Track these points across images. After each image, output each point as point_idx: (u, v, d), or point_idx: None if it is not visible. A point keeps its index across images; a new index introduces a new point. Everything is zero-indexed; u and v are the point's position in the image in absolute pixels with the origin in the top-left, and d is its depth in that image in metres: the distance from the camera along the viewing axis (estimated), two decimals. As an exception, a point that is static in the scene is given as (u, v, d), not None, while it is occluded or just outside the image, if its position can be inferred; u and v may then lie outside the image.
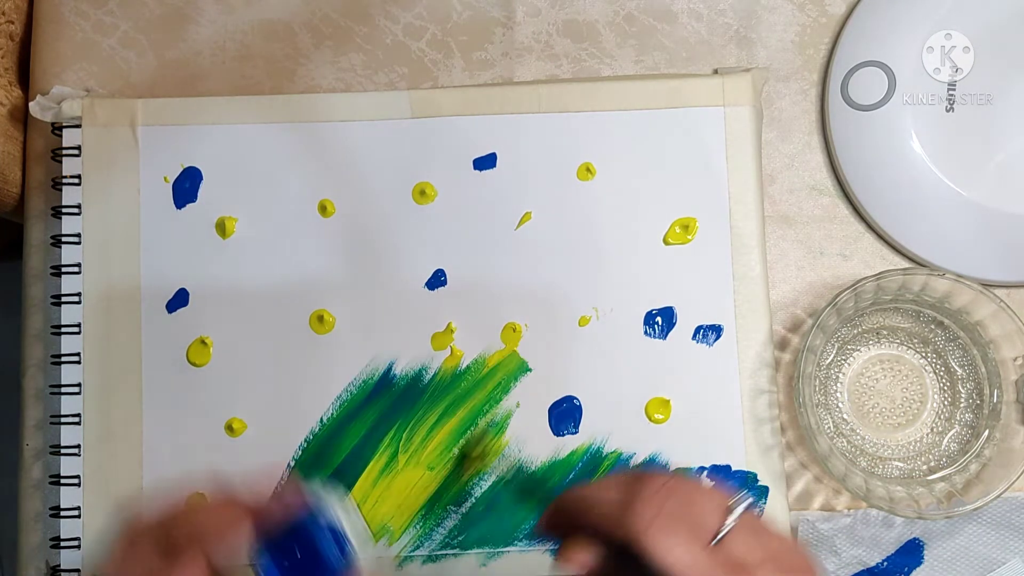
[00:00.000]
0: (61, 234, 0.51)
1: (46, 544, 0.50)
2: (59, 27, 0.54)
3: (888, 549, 0.52)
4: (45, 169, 0.53)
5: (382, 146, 0.52)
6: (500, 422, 0.51)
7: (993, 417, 0.52)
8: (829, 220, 0.54)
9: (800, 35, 0.55)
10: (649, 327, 0.52)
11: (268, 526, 0.34)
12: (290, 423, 0.51)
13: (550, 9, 0.55)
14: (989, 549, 0.51)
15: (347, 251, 0.52)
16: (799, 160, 0.55)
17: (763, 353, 0.52)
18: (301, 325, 0.51)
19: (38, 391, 0.52)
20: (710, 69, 0.55)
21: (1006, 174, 0.53)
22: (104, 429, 0.50)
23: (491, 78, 0.55)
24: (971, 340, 0.52)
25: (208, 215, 0.52)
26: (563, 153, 0.53)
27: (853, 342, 0.53)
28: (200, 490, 0.50)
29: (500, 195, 0.52)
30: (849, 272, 0.54)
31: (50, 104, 0.52)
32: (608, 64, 0.55)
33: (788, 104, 0.55)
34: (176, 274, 0.52)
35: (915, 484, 0.51)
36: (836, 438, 0.52)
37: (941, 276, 0.50)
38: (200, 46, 0.54)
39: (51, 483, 0.50)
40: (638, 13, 0.55)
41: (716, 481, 0.35)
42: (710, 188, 0.53)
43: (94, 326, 0.51)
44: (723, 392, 0.51)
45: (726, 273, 0.52)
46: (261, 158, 0.52)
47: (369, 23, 0.55)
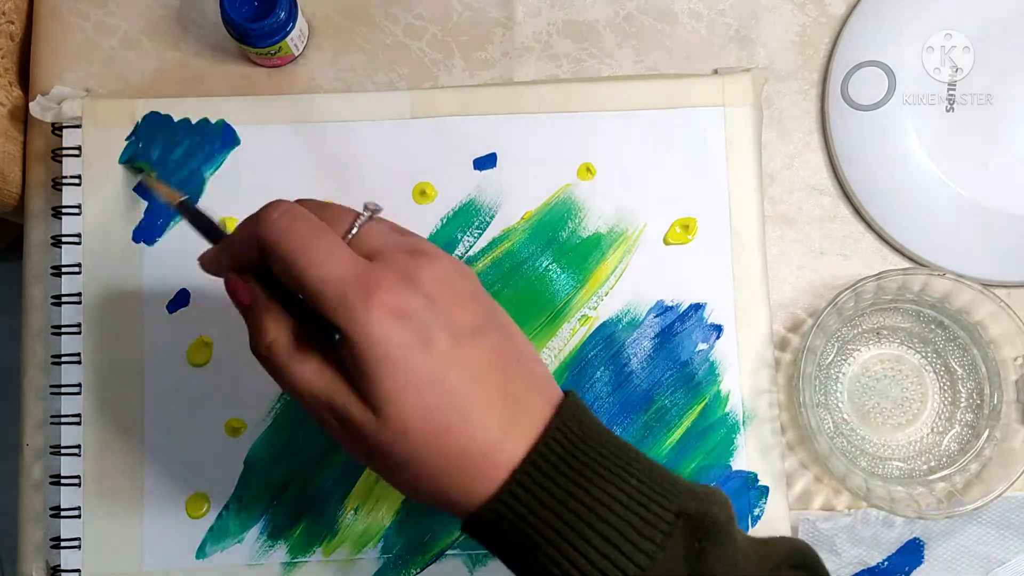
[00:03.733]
0: (61, 234, 0.51)
1: (46, 544, 0.50)
2: (59, 27, 0.54)
3: (888, 549, 0.52)
4: (45, 169, 0.53)
5: (382, 146, 0.52)
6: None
7: (993, 417, 0.52)
8: (829, 220, 0.54)
9: (800, 35, 0.55)
10: (650, 326, 0.52)
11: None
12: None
13: (550, 9, 0.55)
14: (989, 549, 0.51)
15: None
16: (799, 160, 0.55)
17: (763, 353, 0.52)
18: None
19: (38, 391, 0.52)
20: (710, 69, 0.55)
21: (1006, 174, 0.53)
22: (104, 429, 0.50)
23: (491, 78, 0.55)
24: (971, 340, 0.52)
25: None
26: (563, 153, 0.53)
27: (853, 342, 0.53)
28: (200, 490, 0.50)
29: (500, 195, 0.52)
30: (849, 272, 0.54)
31: (50, 104, 0.52)
32: (608, 64, 0.55)
33: (788, 104, 0.55)
34: (177, 274, 0.52)
35: (915, 484, 0.51)
36: (836, 438, 0.52)
37: (941, 276, 0.50)
38: (200, 46, 0.54)
39: (51, 483, 0.50)
40: (638, 13, 0.55)
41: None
42: (710, 188, 0.53)
43: (94, 326, 0.51)
44: (723, 391, 0.51)
45: (726, 273, 0.52)
46: (261, 158, 0.52)
47: (369, 23, 0.55)
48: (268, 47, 0.51)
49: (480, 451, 0.34)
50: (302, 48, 0.54)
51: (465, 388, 0.33)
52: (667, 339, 0.52)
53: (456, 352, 0.34)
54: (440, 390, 0.33)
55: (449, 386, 0.33)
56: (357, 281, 0.33)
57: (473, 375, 0.34)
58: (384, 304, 0.33)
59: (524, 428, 0.34)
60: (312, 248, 0.34)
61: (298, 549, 0.50)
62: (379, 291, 0.33)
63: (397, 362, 0.33)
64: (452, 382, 0.33)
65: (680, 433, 0.51)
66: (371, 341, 0.32)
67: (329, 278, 0.33)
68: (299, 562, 0.50)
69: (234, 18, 0.50)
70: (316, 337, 0.35)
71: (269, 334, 0.35)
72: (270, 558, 0.50)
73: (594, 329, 0.52)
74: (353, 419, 0.33)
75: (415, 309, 0.33)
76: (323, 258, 0.33)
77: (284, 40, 0.51)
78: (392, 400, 0.33)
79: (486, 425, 0.34)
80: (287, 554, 0.50)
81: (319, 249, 0.34)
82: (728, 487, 0.51)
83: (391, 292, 0.33)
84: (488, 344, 0.35)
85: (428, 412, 0.33)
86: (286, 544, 0.50)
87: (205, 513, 0.50)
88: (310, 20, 0.54)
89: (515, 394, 0.35)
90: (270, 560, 0.50)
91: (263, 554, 0.50)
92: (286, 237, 0.34)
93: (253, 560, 0.50)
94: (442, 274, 0.35)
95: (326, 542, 0.50)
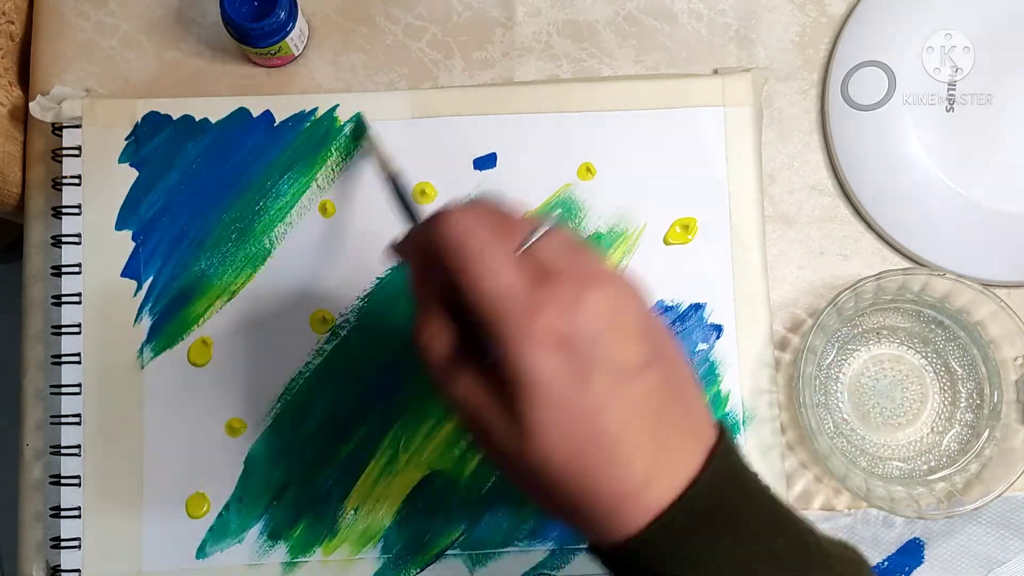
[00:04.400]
0: (61, 234, 0.51)
1: (46, 544, 0.50)
2: (59, 27, 0.54)
3: (888, 549, 0.52)
4: (45, 169, 0.53)
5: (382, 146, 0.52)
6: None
7: (993, 417, 0.52)
8: (829, 220, 0.54)
9: (800, 35, 0.55)
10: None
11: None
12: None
13: (550, 9, 0.55)
14: (989, 549, 0.51)
15: (348, 251, 0.52)
16: (799, 160, 0.55)
17: (763, 353, 0.52)
18: (302, 325, 0.51)
19: (38, 391, 0.52)
20: (710, 69, 0.55)
21: (1006, 174, 0.53)
22: (104, 429, 0.50)
23: (491, 78, 0.55)
24: (971, 340, 0.52)
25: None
26: (563, 153, 0.53)
27: (853, 342, 0.53)
28: (200, 490, 0.50)
29: (500, 195, 0.52)
30: (849, 272, 0.54)
31: (50, 104, 0.52)
32: (608, 64, 0.55)
33: (788, 104, 0.55)
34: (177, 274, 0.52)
35: (915, 484, 0.51)
36: (836, 438, 0.52)
37: (941, 276, 0.50)
38: (200, 46, 0.54)
39: (51, 483, 0.50)
40: (638, 13, 0.55)
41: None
42: (710, 188, 0.53)
43: (94, 326, 0.51)
44: (723, 392, 0.51)
45: (726, 273, 0.52)
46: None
47: (369, 23, 0.55)
48: (268, 47, 0.51)
49: (622, 494, 0.32)
50: (302, 48, 0.54)
51: (616, 429, 0.32)
52: (667, 339, 0.52)
53: (612, 390, 0.32)
54: (590, 429, 0.31)
55: (600, 427, 0.32)
56: (523, 302, 0.32)
57: (626, 417, 0.32)
58: (546, 330, 0.31)
59: (672, 473, 0.33)
60: (484, 260, 0.32)
61: (298, 549, 0.50)
62: (543, 315, 0.31)
63: (550, 394, 0.31)
64: (603, 423, 0.32)
65: None
66: (526, 367, 0.31)
67: (495, 294, 0.32)
68: (299, 562, 0.50)
69: (234, 18, 0.50)
70: (475, 350, 0.34)
71: (426, 333, 0.34)
72: (270, 558, 0.50)
73: (594, 329, 0.52)
74: (496, 437, 0.32)
75: (578, 339, 0.31)
76: (493, 272, 0.32)
77: (284, 40, 0.51)
78: (539, 431, 0.31)
79: (632, 469, 0.32)
80: (287, 554, 0.50)
81: (491, 261, 0.32)
82: (728, 487, 0.51)
83: (556, 318, 0.31)
84: (648, 384, 0.33)
85: (573, 449, 0.32)
86: (286, 544, 0.50)
87: (205, 513, 0.50)
88: (310, 20, 0.54)
89: (668, 435, 0.33)
90: (270, 560, 0.50)
91: (263, 554, 0.50)
92: (461, 244, 0.33)
93: (253, 560, 0.50)
94: (612, 303, 0.33)
95: (326, 542, 0.50)
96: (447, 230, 0.33)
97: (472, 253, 0.32)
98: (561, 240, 0.34)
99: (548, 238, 0.34)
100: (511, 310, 0.31)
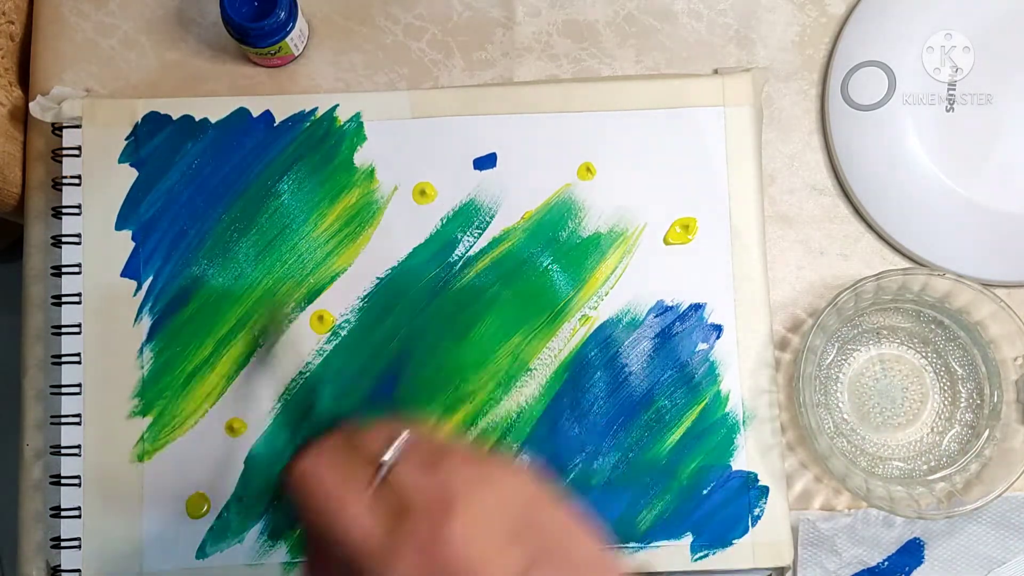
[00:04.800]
0: (61, 234, 0.51)
1: (46, 544, 0.50)
2: (59, 27, 0.54)
3: (888, 549, 0.52)
4: (45, 169, 0.53)
5: (382, 146, 0.52)
6: (501, 423, 0.51)
7: (993, 417, 0.52)
8: (829, 220, 0.54)
9: (800, 35, 0.56)
10: (650, 326, 0.52)
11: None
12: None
13: (550, 9, 0.55)
14: (989, 549, 0.51)
15: (347, 251, 0.52)
16: (799, 160, 0.55)
17: (763, 353, 0.52)
18: (301, 325, 0.51)
19: (38, 391, 0.52)
20: (710, 69, 0.55)
21: (1006, 174, 0.53)
22: (104, 429, 0.50)
23: (491, 78, 0.55)
24: (971, 340, 0.52)
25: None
26: (563, 153, 0.53)
27: (853, 342, 0.53)
28: (200, 490, 0.50)
29: (500, 195, 0.52)
30: (849, 272, 0.54)
31: (50, 104, 0.52)
32: (608, 64, 0.55)
33: (788, 104, 0.55)
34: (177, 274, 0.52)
35: (915, 484, 0.51)
36: (836, 438, 0.52)
37: (941, 276, 0.50)
38: (200, 46, 0.54)
39: (51, 483, 0.50)
40: (638, 13, 0.55)
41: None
42: (710, 188, 0.53)
43: (94, 326, 0.51)
44: (723, 392, 0.51)
45: (726, 273, 0.52)
46: (261, 158, 0.52)
47: (369, 23, 0.55)
48: (268, 47, 0.51)
49: None
50: (302, 48, 0.54)
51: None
52: (667, 339, 0.52)
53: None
54: None
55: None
56: (378, 550, 0.32)
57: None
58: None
59: None
60: (334, 509, 0.33)
61: (298, 549, 0.50)
62: (400, 563, 0.31)
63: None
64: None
65: (680, 433, 0.51)
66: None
67: (350, 544, 0.32)
68: (299, 562, 0.50)
69: (234, 18, 0.50)
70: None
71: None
72: (270, 558, 0.50)
73: (594, 329, 0.52)
74: None
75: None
76: (344, 522, 0.32)
77: (284, 40, 0.51)
78: None
79: None
80: (287, 554, 0.50)
81: (342, 510, 0.33)
82: (728, 487, 0.51)
83: (413, 565, 0.31)
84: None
85: None
86: (286, 544, 0.50)
87: (205, 513, 0.50)
88: (310, 20, 0.54)
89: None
90: (270, 560, 0.50)
91: (263, 554, 0.50)
92: (309, 495, 0.33)
93: (253, 560, 0.50)
94: (478, 516, 0.32)
95: (326, 542, 0.50)
96: (295, 483, 0.33)
97: (320, 504, 0.33)
98: (419, 456, 0.34)
99: (404, 460, 0.34)
100: (368, 559, 0.32)
